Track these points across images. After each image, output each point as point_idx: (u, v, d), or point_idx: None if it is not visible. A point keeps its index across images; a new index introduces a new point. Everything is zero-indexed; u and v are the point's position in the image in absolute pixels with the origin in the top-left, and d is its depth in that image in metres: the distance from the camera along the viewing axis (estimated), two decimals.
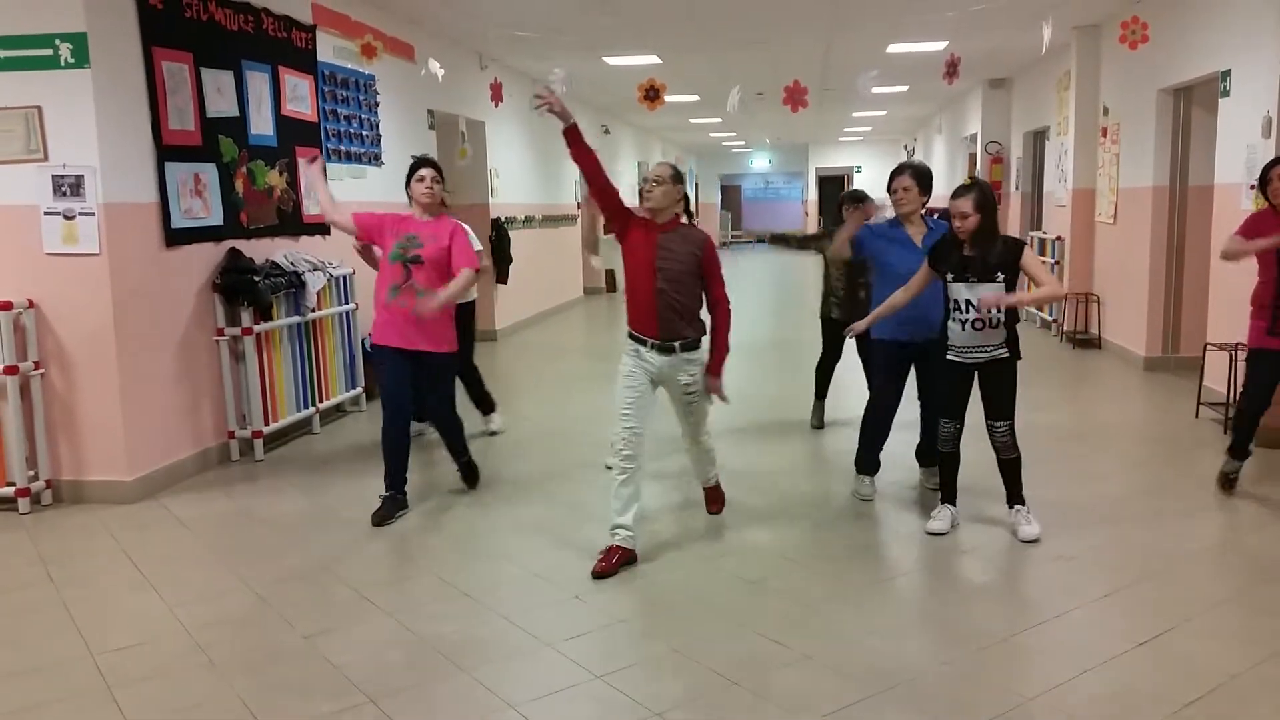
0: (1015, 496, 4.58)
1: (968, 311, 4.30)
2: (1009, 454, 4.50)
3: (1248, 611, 3.73)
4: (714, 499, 4.85)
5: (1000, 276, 4.23)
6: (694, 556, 4.33)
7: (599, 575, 4.11)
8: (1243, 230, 4.93)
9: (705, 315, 4.35)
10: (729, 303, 4.31)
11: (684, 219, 4.31)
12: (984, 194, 4.24)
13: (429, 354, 4.95)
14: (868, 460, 5.12)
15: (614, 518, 4.24)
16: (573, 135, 4.27)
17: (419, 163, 5.01)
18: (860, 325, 4.71)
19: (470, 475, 5.43)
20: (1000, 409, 4.43)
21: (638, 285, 4.22)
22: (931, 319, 4.57)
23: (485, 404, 6.68)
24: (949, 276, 4.34)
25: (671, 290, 4.15)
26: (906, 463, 5.46)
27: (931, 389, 4.89)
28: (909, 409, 5.11)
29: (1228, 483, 5.11)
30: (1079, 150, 10.09)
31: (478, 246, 5.91)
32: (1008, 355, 4.37)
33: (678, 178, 4.23)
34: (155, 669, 3.41)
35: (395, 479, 5.02)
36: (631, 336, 4.29)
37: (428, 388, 5.10)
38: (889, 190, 4.89)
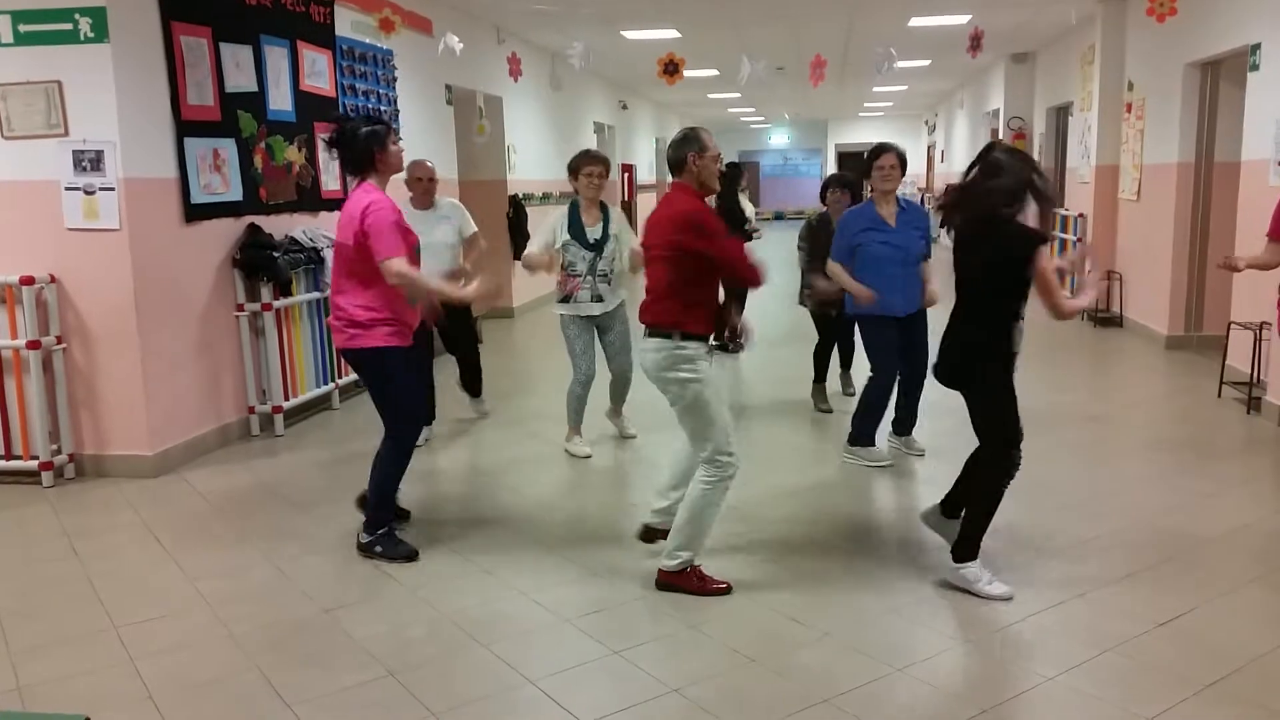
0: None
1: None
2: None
3: (1272, 593, 3.69)
4: (670, 579, 3.77)
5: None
6: (711, 536, 4.32)
7: None
8: (1276, 215, 4.82)
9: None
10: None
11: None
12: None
13: (345, 353, 4.24)
14: (865, 433, 5.27)
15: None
16: None
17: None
18: None
19: (371, 541, 4.14)
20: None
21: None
22: (906, 293, 4.92)
23: (475, 387, 6.47)
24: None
25: None
26: (933, 444, 5.45)
27: (912, 360, 5.13)
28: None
29: None
30: (1103, 126, 9.96)
31: (472, 227, 5.78)
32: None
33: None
34: (178, 641, 3.45)
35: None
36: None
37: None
38: (875, 168, 5.04)
